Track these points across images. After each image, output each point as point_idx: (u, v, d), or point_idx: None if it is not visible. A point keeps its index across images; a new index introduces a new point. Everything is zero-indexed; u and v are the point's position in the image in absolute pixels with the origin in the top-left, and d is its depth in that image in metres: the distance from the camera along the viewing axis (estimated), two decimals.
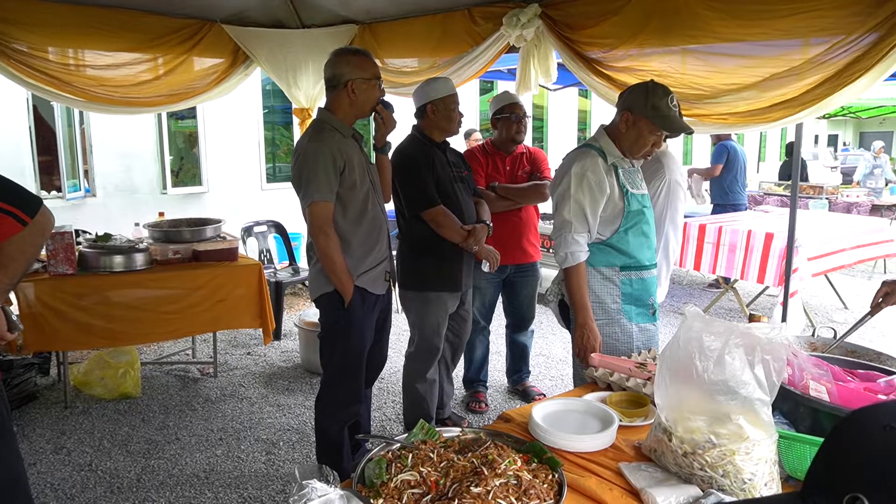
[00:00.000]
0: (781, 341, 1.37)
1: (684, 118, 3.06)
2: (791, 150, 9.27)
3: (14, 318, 1.66)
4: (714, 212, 6.73)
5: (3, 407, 1.61)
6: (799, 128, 3.84)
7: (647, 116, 2.19)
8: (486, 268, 3.05)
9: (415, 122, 3.10)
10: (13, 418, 3.56)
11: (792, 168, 4.14)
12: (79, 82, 4.10)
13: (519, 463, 1.41)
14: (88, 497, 2.87)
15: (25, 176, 5.77)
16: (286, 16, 4.65)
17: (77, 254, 3.63)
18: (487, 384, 3.92)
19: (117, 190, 6.40)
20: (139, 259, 3.73)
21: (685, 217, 6.10)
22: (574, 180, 2.21)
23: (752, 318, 1.96)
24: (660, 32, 3.02)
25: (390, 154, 2.88)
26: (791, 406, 1.56)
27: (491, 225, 3.06)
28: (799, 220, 4.21)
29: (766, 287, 5.63)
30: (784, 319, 4.12)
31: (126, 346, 4.05)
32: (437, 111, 2.96)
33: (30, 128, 5.93)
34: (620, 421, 1.67)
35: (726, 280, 5.83)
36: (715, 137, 6.83)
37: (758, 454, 1.31)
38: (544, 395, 3.90)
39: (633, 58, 3.25)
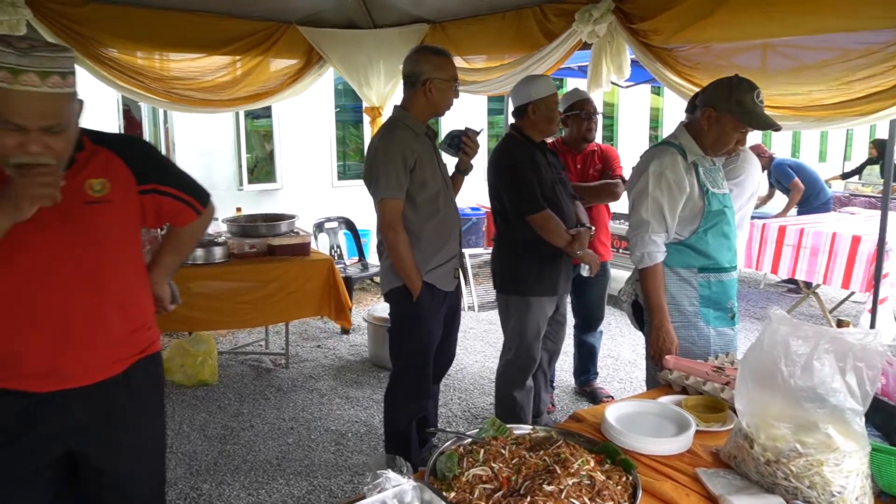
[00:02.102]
0: (876, 348, 1.29)
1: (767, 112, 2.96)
2: (878, 146, 8.77)
3: (176, 292, 1.82)
4: (798, 213, 6.46)
5: (163, 371, 1.77)
6: (893, 124, 3.62)
7: (731, 112, 2.11)
8: (585, 272, 2.97)
9: (512, 119, 3.04)
10: None
11: (885, 167, 3.91)
12: (164, 84, 4.32)
13: (592, 463, 1.39)
14: (170, 477, 3.02)
15: None
16: (359, 16, 4.74)
17: None
18: (555, 385, 3.88)
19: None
20: (218, 252, 3.90)
21: (763, 218, 5.87)
22: (652, 178, 2.16)
23: (840, 324, 1.86)
24: (737, 24, 2.90)
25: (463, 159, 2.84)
26: (885, 418, 1.48)
27: (593, 229, 2.98)
28: (890, 223, 3.96)
29: (852, 293, 5.33)
30: (872, 327, 3.89)
31: (204, 331, 4.24)
32: (539, 111, 2.88)
33: (120, 127, 6.28)
34: (697, 426, 1.62)
35: (807, 285, 5.56)
36: (766, 160, 6.67)
37: (848, 466, 1.25)
38: (612, 398, 3.83)
39: (709, 52, 3.14)
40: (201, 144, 6.66)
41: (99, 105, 5.91)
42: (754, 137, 11.51)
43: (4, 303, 1.46)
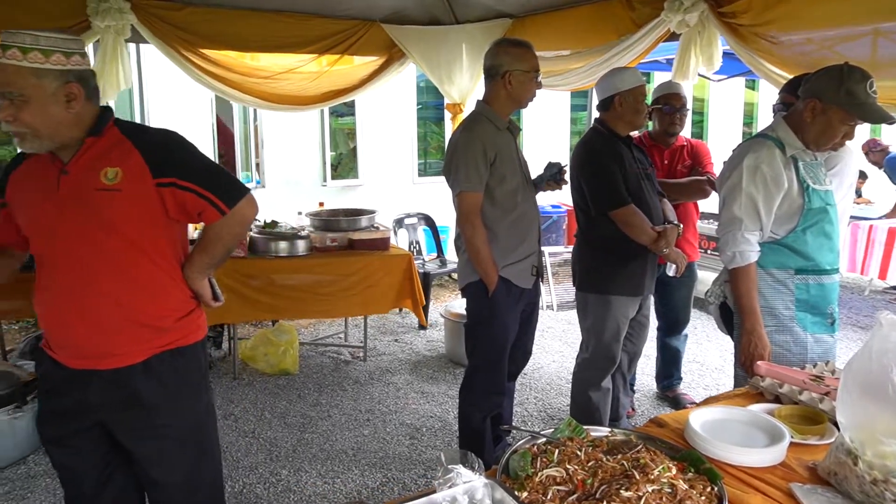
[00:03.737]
0: None
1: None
2: None
3: (217, 290, 1.84)
4: None
5: (201, 364, 1.83)
6: None
7: (840, 104, 1.94)
8: (671, 272, 2.84)
9: (596, 114, 2.96)
10: None
11: None
12: (253, 83, 4.48)
13: (674, 471, 1.31)
14: (251, 461, 3.13)
15: None
16: (441, 12, 4.75)
17: (248, 239, 3.98)
18: (635, 388, 3.75)
19: (284, 182, 6.91)
20: (301, 245, 4.01)
21: (869, 219, 5.45)
22: (746, 173, 2.02)
23: None
24: (844, 8, 2.69)
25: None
26: None
27: (681, 227, 2.85)
28: None
29: None
30: None
31: (285, 318, 4.37)
32: (625, 103, 2.76)
33: (212, 125, 6.58)
34: (792, 437, 1.50)
35: None
36: (879, 155, 6.44)
37: None
38: (696, 404, 3.65)
39: (812, 41, 2.93)
40: (288, 142, 6.88)
41: (193, 103, 6.22)
42: (863, 131, 10.75)
43: (42, 284, 1.66)
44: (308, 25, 4.40)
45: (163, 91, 5.90)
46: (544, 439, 1.48)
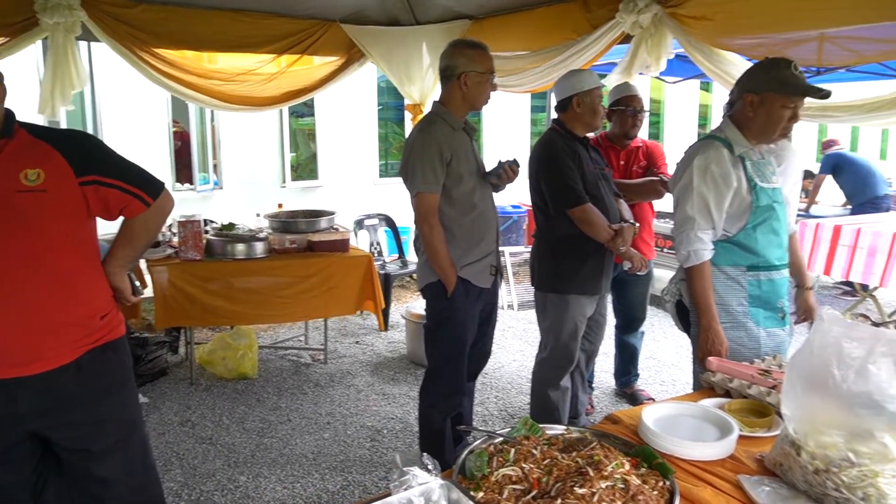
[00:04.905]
0: None
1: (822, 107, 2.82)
2: None
3: (136, 284, 1.86)
4: (854, 212, 6.22)
5: (127, 358, 1.81)
6: None
7: (774, 90, 2.03)
8: (627, 266, 2.88)
9: (555, 115, 2.98)
10: (147, 391, 3.88)
11: None
12: (209, 83, 4.39)
13: (627, 466, 1.33)
14: (208, 468, 3.06)
15: (164, 169, 6.26)
16: (401, 13, 4.73)
17: (205, 241, 3.90)
18: (593, 385, 3.80)
19: (242, 183, 6.80)
20: (259, 247, 3.95)
21: (817, 217, 5.64)
22: (697, 173, 2.08)
23: None
24: (792, 13, 2.77)
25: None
26: None
27: (637, 225, 2.90)
28: None
29: None
30: None
31: (244, 325, 4.31)
32: (583, 104, 2.81)
33: (168, 125, 6.44)
34: (740, 430, 1.54)
35: (864, 287, 5.32)
36: (825, 145, 6.86)
37: None
38: (653, 400, 3.71)
39: (762, 45, 3.02)
40: (246, 143, 6.78)
41: (148, 104, 6.07)
42: (815, 132, 11.10)
43: None
44: (266, 25, 4.32)
45: (116, 91, 5.73)
46: (501, 439, 1.49)
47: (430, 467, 1.34)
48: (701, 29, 3.10)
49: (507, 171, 2.67)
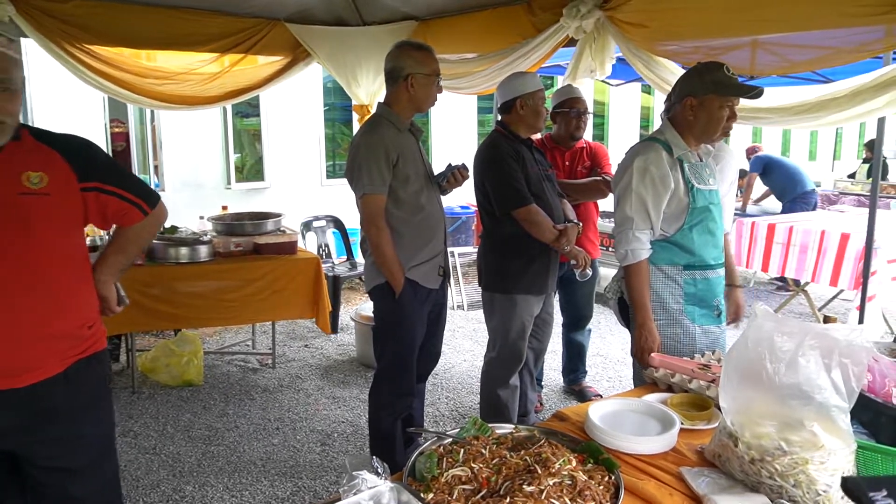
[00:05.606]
0: (862, 344, 1.27)
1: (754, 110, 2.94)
2: (871, 147, 8.89)
3: (122, 293, 1.83)
4: (785, 210, 6.51)
5: (108, 370, 1.77)
6: (881, 122, 3.61)
7: (713, 91, 2.11)
8: (580, 277, 2.96)
9: (499, 117, 3.01)
10: None
11: (872, 165, 3.92)
12: (148, 82, 4.25)
13: (574, 463, 1.36)
14: (152, 479, 2.97)
15: None
16: (348, 13, 4.69)
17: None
18: (542, 383, 3.86)
19: (185, 185, 6.62)
20: (203, 251, 3.85)
21: (752, 216, 5.87)
22: (636, 175, 2.14)
23: (827, 320, 1.84)
24: (726, 19, 2.88)
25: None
26: (872, 415, 1.45)
27: (581, 225, 2.95)
28: (878, 221, 3.96)
29: (841, 290, 5.34)
30: (861, 324, 3.89)
31: (190, 331, 4.20)
32: (526, 106, 2.84)
33: (106, 126, 6.21)
34: (682, 424, 1.59)
35: (796, 282, 5.57)
36: (748, 151, 7.32)
37: (833, 464, 1.23)
38: (601, 396, 3.80)
39: (698, 51, 3.12)
40: (189, 143, 6.60)
41: (82, 103, 5.84)
42: (745, 137, 11.54)
43: None
44: (208, 23, 4.21)
45: (48, 90, 5.50)
46: (450, 439, 1.50)
47: (379, 470, 1.34)
48: (638, 35, 3.19)
49: (455, 176, 2.69)
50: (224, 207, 4.65)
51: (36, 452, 1.60)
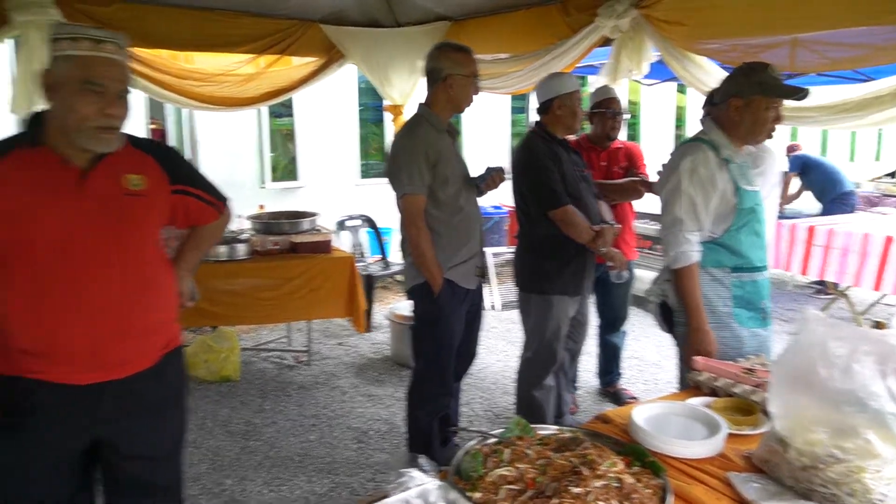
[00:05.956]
0: None
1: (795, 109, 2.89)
2: None
3: (194, 289, 1.92)
4: (824, 211, 6.38)
5: (186, 364, 1.85)
6: None
7: (759, 92, 2.09)
8: (615, 278, 2.96)
9: (536, 117, 3.00)
10: None
11: None
12: (186, 83, 4.35)
13: (620, 465, 1.36)
14: (193, 472, 3.03)
15: None
16: (382, 14, 4.73)
17: None
18: (577, 385, 3.84)
19: (222, 184, 6.71)
20: (241, 249, 3.92)
21: (789, 218, 5.76)
22: (685, 175, 2.12)
23: (878, 326, 1.81)
24: (765, 16, 2.84)
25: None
26: None
27: (619, 226, 2.93)
28: None
29: (884, 295, 5.21)
30: None
31: (227, 327, 4.27)
32: (564, 107, 2.84)
33: (146, 124, 6.36)
34: (728, 428, 1.57)
35: (836, 286, 5.45)
36: (788, 149, 7.09)
37: (890, 473, 1.21)
38: (636, 399, 3.78)
39: (736, 49, 3.08)
40: (225, 144, 6.71)
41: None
42: (783, 137, 11.32)
43: (56, 292, 1.52)
44: (244, 24, 4.29)
45: None
46: (494, 439, 1.50)
47: (426, 468, 1.36)
48: (675, 33, 3.16)
49: (493, 179, 2.71)
50: (261, 206, 4.72)
51: (123, 441, 1.66)
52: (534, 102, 3.04)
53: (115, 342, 1.58)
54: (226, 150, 6.73)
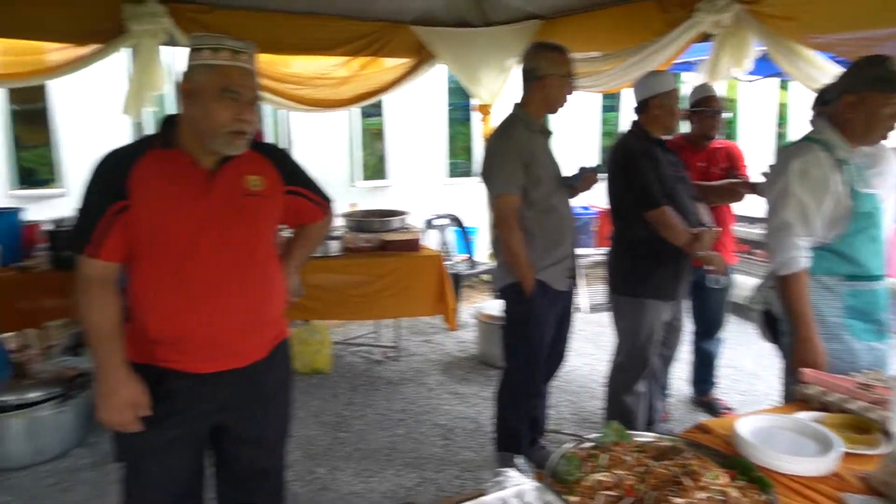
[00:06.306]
0: None
1: None
2: None
3: (299, 285, 2.02)
4: None
5: (291, 364, 1.93)
6: None
7: (874, 87, 1.95)
8: (713, 284, 2.89)
9: (633, 116, 2.95)
10: None
11: None
12: (282, 85, 4.54)
13: (724, 478, 1.31)
14: (288, 459, 3.16)
15: None
16: (471, 14, 4.76)
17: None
18: (667, 392, 3.72)
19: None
20: (334, 246, 4.05)
21: None
22: (795, 177, 2.00)
23: None
24: (879, 9, 2.64)
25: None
26: None
27: (719, 229, 2.83)
28: None
29: None
30: None
31: (318, 319, 4.40)
32: (662, 106, 2.77)
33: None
34: (842, 447, 1.49)
35: None
36: None
37: None
38: (731, 410, 3.63)
39: (846, 42, 2.89)
40: (318, 143, 6.94)
41: None
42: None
43: (187, 285, 1.62)
44: (338, 27, 4.43)
45: None
46: (590, 443, 1.49)
47: (523, 468, 1.36)
48: (786, 28, 3.00)
49: (587, 179, 2.68)
50: (353, 205, 4.86)
51: (239, 426, 1.77)
52: (625, 101, 2.97)
53: (238, 333, 1.68)
54: (319, 149, 6.96)
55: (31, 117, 6.63)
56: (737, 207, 3.60)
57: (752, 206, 3.69)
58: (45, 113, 6.48)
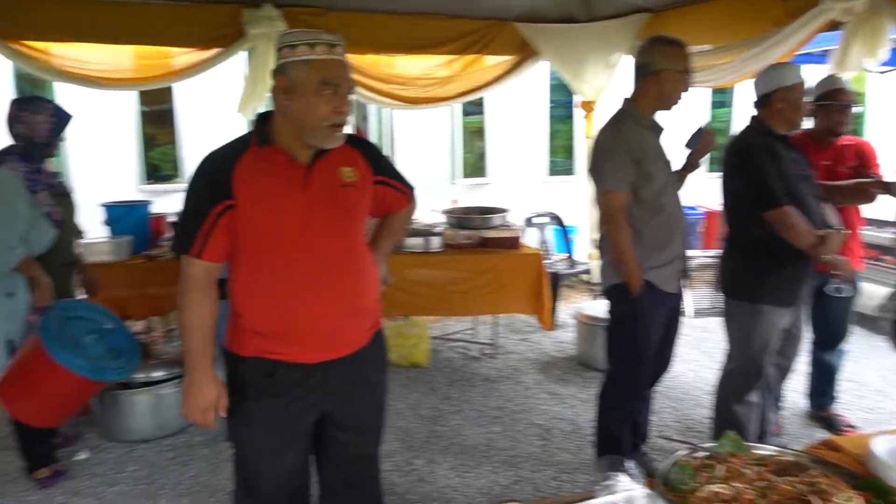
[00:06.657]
0: None
1: None
2: None
3: (387, 274, 2.08)
4: None
5: (387, 351, 1.97)
6: None
7: None
8: (836, 292, 2.73)
9: (752, 112, 2.82)
10: None
11: None
12: (391, 88, 4.67)
13: (858, 500, 1.22)
14: (387, 449, 3.15)
15: None
16: (576, 9, 4.69)
17: None
18: (781, 405, 3.50)
19: (416, 180, 7.09)
20: (435, 242, 4.12)
21: None
22: None
23: None
24: None
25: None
26: None
27: (848, 232, 2.63)
28: None
29: None
30: None
31: (419, 316, 4.47)
32: (786, 100, 2.59)
33: (353, 123, 6.90)
34: None
35: None
36: None
37: None
38: (854, 428, 3.36)
39: None
40: (420, 141, 7.07)
41: None
42: None
43: (294, 278, 1.67)
44: (444, 26, 4.50)
45: None
46: (705, 452, 1.42)
47: (634, 474, 1.32)
48: None
49: (706, 140, 2.58)
50: (454, 201, 4.90)
51: (342, 414, 1.83)
52: (739, 96, 2.82)
53: (342, 323, 1.73)
54: (420, 147, 7.09)
55: (159, 118, 7.19)
56: (866, 209, 3.33)
57: (884, 208, 3.40)
58: (171, 113, 6.99)
